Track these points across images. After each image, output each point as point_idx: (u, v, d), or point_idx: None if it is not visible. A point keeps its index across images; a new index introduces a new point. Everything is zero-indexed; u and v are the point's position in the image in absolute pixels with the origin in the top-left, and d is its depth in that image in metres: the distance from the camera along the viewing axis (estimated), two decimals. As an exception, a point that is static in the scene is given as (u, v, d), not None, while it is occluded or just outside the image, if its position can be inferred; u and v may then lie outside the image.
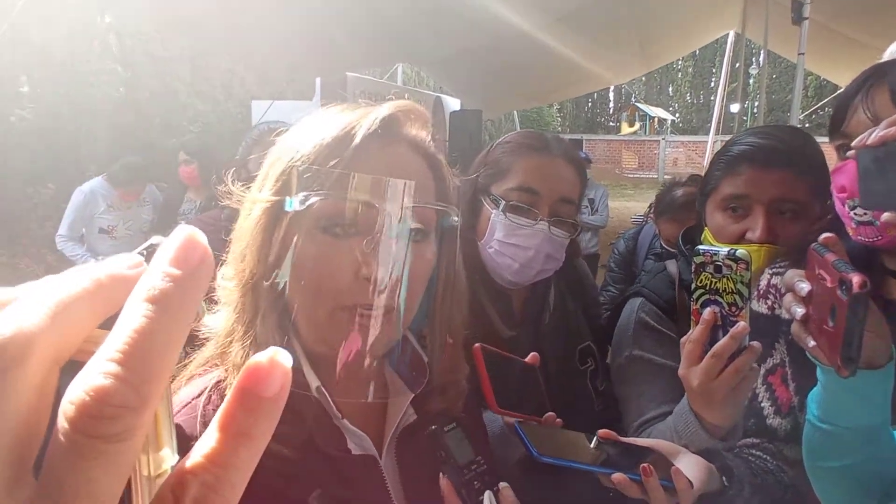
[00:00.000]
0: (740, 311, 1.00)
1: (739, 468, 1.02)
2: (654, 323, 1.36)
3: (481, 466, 0.84)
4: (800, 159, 1.25)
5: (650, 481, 0.89)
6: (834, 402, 0.85)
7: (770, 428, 1.12)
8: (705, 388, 1.02)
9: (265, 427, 0.23)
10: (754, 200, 1.24)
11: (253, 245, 0.77)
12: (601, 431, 0.97)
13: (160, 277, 0.23)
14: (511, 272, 1.30)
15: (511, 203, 1.28)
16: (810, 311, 0.83)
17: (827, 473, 0.91)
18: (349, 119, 0.78)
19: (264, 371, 0.23)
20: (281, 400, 0.23)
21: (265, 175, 0.80)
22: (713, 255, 1.01)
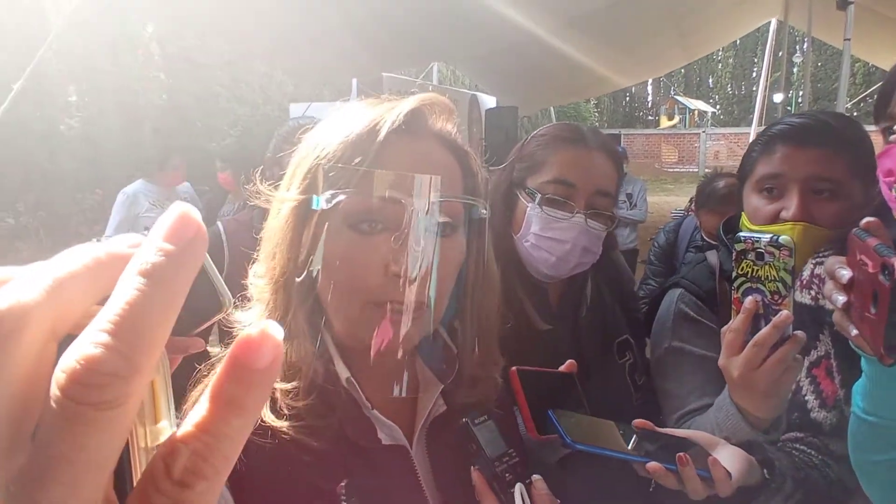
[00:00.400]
0: (783, 300, 0.97)
1: (781, 461, 0.99)
2: (694, 314, 1.33)
3: (513, 459, 0.83)
4: (837, 137, 1.20)
5: (686, 470, 0.87)
6: (879, 393, 0.82)
7: (815, 422, 1.09)
8: (746, 379, 0.99)
9: (257, 398, 0.23)
10: (789, 179, 1.20)
11: (283, 243, 0.78)
12: (637, 421, 0.95)
13: (153, 252, 0.23)
14: (548, 266, 1.30)
15: (547, 196, 1.27)
16: (852, 299, 0.80)
17: (874, 468, 0.87)
18: (373, 115, 0.78)
19: (255, 343, 0.23)
20: (272, 372, 0.23)
21: (292, 174, 0.81)
22: (755, 242, 0.98)
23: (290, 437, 0.74)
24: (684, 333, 1.31)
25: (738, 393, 1.04)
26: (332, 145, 0.77)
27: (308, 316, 0.78)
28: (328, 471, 0.74)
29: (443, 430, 0.85)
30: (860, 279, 0.77)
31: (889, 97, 1.01)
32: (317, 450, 0.74)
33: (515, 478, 0.81)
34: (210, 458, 0.22)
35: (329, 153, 0.77)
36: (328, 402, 0.77)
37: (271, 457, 0.73)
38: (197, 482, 0.22)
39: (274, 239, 0.79)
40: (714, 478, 0.87)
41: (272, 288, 0.79)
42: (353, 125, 0.78)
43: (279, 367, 0.24)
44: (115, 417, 0.21)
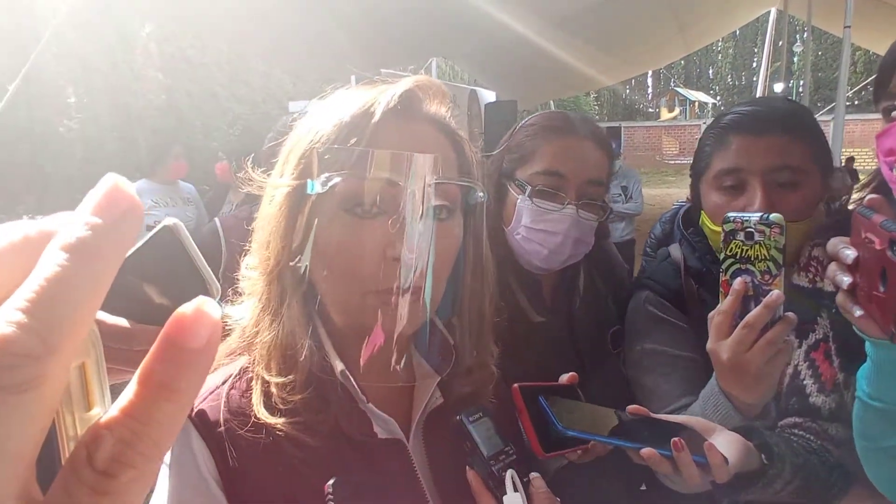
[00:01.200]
0: (774, 279, 0.94)
1: (780, 447, 0.97)
2: (663, 314, 1.30)
3: (510, 457, 0.80)
4: (792, 123, 1.17)
5: (682, 456, 0.85)
6: (885, 378, 0.80)
7: (813, 406, 1.07)
8: (736, 362, 0.96)
9: (191, 381, 0.22)
10: (748, 173, 1.16)
11: (277, 231, 0.76)
12: (631, 407, 0.93)
13: (79, 226, 0.22)
14: (540, 258, 1.28)
15: (537, 188, 1.25)
16: (857, 280, 0.77)
17: (880, 454, 0.85)
18: (367, 97, 0.77)
19: (189, 321, 0.22)
20: (209, 353, 0.22)
21: (285, 159, 0.79)
22: (744, 222, 0.96)
23: (284, 434, 0.72)
24: (655, 335, 1.29)
25: (727, 378, 1.01)
26: (327, 128, 0.75)
27: (304, 307, 0.76)
28: (323, 467, 0.73)
29: (440, 423, 0.83)
30: (866, 258, 0.75)
31: (889, 76, 0.99)
32: (312, 446, 0.73)
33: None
34: (137, 446, 0.21)
35: (323, 136, 0.75)
36: (323, 396, 0.75)
37: (265, 454, 0.72)
38: (122, 471, 0.20)
39: (267, 227, 0.77)
40: (710, 463, 0.85)
41: (266, 279, 0.77)
42: (347, 108, 0.76)
43: (216, 347, 0.22)
44: (30, 402, 0.20)
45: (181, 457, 0.73)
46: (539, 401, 0.86)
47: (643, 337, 1.30)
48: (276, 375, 0.74)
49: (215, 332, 0.22)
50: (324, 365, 0.76)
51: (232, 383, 0.78)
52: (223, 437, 0.72)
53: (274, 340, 0.75)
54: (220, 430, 0.72)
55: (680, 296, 1.31)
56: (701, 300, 1.27)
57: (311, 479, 0.72)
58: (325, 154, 0.72)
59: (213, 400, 0.75)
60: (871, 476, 0.89)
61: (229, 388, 0.77)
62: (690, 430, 0.92)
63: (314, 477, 0.72)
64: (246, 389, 0.77)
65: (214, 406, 0.74)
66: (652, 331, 1.30)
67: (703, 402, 1.07)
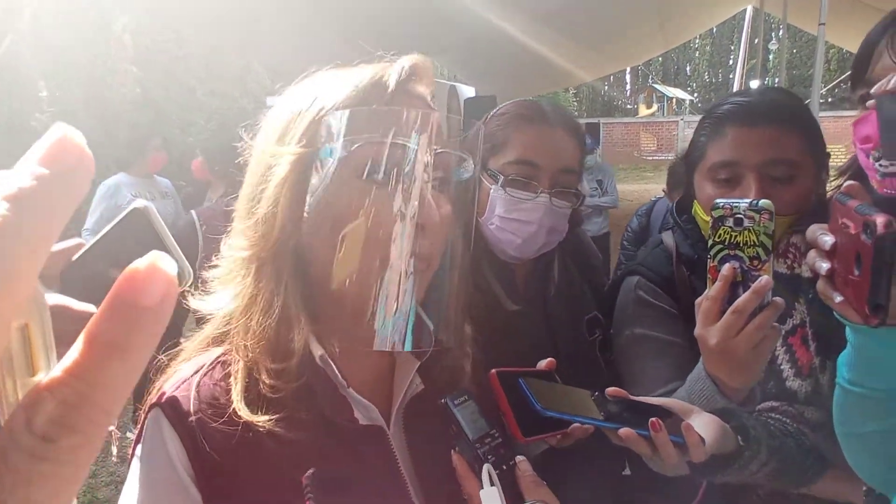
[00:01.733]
0: (763, 265, 0.95)
1: (756, 429, 0.98)
2: (653, 300, 1.31)
3: (496, 440, 0.80)
4: (787, 114, 1.18)
5: (659, 436, 0.86)
6: (865, 363, 0.80)
7: (790, 390, 1.09)
8: (724, 347, 0.97)
9: (142, 341, 0.20)
10: (744, 166, 1.16)
11: (284, 202, 0.72)
12: (610, 389, 0.93)
13: (24, 175, 0.20)
14: (514, 248, 1.28)
15: (510, 177, 1.24)
16: (835, 265, 0.78)
17: (860, 440, 0.86)
18: (374, 70, 0.76)
19: (142, 277, 0.20)
20: (163, 312, 0.21)
21: (286, 128, 0.75)
22: (733, 208, 0.96)
23: (265, 430, 0.70)
24: (646, 320, 1.30)
25: (715, 363, 1.02)
26: (339, 95, 0.73)
27: (298, 287, 0.74)
28: (302, 457, 0.71)
29: (421, 410, 0.82)
30: (843, 243, 0.76)
31: (865, 64, 1.00)
32: (292, 439, 0.71)
33: (499, 460, 0.78)
34: (82, 408, 0.19)
35: (337, 103, 0.72)
36: (306, 385, 0.74)
37: (239, 445, 0.70)
38: (64, 435, 0.19)
39: (269, 200, 0.73)
40: (688, 443, 0.86)
41: (261, 259, 0.74)
42: (356, 77, 0.75)
43: (171, 306, 0.21)
44: None
45: (152, 447, 0.71)
46: (518, 383, 0.86)
47: (633, 322, 1.31)
48: (271, 362, 0.72)
49: (170, 289, 0.21)
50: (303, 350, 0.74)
51: (205, 372, 0.75)
52: (195, 428, 0.70)
53: (269, 324, 0.72)
54: (191, 419, 0.70)
55: (671, 283, 1.32)
56: (692, 287, 1.28)
57: (288, 469, 0.71)
58: (342, 118, 0.70)
59: (184, 390, 0.73)
60: (851, 461, 0.90)
61: (201, 377, 0.74)
62: (669, 411, 0.93)
63: (292, 467, 0.70)
64: (220, 379, 0.75)
65: (185, 396, 0.72)
66: (642, 316, 1.31)
67: (689, 386, 1.08)
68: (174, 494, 0.69)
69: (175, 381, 0.75)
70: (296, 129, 0.74)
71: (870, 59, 0.99)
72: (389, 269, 0.68)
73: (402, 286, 0.67)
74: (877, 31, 0.99)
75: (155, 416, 0.72)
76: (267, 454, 0.71)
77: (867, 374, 0.80)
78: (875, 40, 0.99)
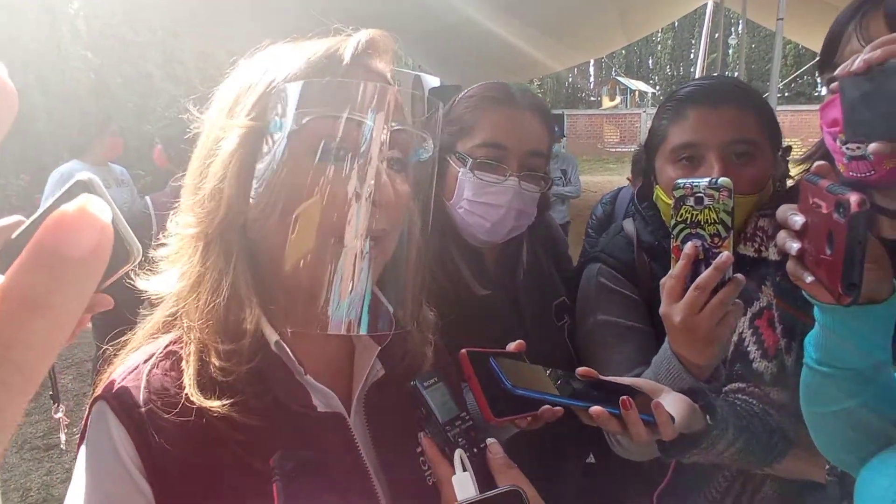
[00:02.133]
0: (724, 242, 0.97)
1: (724, 409, 0.99)
2: (615, 286, 1.32)
3: (466, 423, 0.78)
4: (745, 96, 1.22)
5: (629, 414, 0.86)
6: (833, 343, 0.81)
7: (756, 371, 1.10)
8: (688, 324, 0.99)
9: (68, 296, 0.18)
10: (705, 147, 1.19)
11: (231, 178, 0.69)
12: (580, 369, 0.93)
13: None
14: (483, 231, 1.27)
15: (478, 160, 1.23)
16: (806, 245, 0.78)
17: (826, 419, 0.87)
18: (329, 43, 0.73)
19: (69, 222, 0.18)
20: (94, 265, 0.18)
21: (236, 100, 0.72)
22: (693, 187, 0.98)
23: (218, 416, 0.67)
24: (608, 307, 1.31)
25: (679, 340, 1.03)
26: (293, 67, 0.70)
27: (251, 267, 0.71)
28: (259, 445, 0.69)
29: (382, 396, 0.80)
30: (814, 223, 0.76)
31: (835, 46, 1.01)
32: (248, 425, 0.68)
33: (469, 442, 0.76)
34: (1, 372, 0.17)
35: (290, 74, 0.69)
36: (259, 370, 0.71)
37: (193, 435, 0.67)
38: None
39: (216, 175, 0.70)
40: (657, 422, 0.86)
41: (207, 236, 0.71)
42: (311, 50, 0.72)
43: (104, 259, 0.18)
44: None
45: (97, 441, 0.68)
46: (489, 362, 0.85)
47: (596, 309, 1.32)
48: (221, 343, 0.69)
49: (104, 238, 0.18)
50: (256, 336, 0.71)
51: (155, 362, 0.72)
52: (144, 419, 0.67)
53: (219, 303, 0.69)
54: (140, 410, 0.67)
55: (632, 269, 1.33)
56: (653, 273, 1.29)
57: (244, 458, 0.68)
58: (293, 91, 0.67)
59: (133, 380, 0.70)
60: (818, 441, 0.91)
61: (151, 366, 0.71)
62: (638, 391, 0.93)
63: (249, 456, 0.68)
64: (170, 368, 0.71)
65: (135, 386, 0.69)
66: (605, 303, 1.31)
67: (655, 365, 1.09)
68: (122, 488, 0.66)
69: (122, 372, 0.72)
70: (245, 101, 0.71)
71: (838, 43, 1.00)
72: (343, 249, 0.66)
73: (357, 267, 0.65)
74: (845, 14, 1.00)
75: (100, 410, 0.69)
76: (222, 442, 0.68)
77: (835, 353, 0.81)
78: (844, 23, 0.99)
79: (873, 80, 0.76)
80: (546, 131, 1.30)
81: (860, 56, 0.77)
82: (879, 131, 0.76)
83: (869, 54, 0.76)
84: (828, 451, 0.91)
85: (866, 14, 0.96)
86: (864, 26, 0.95)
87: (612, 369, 1.22)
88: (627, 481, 1.34)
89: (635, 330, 1.26)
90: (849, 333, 0.79)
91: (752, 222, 1.17)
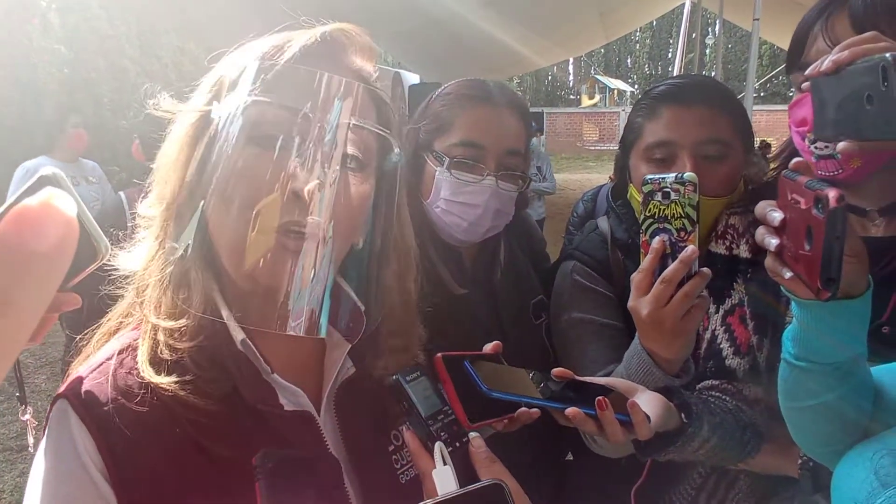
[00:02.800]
0: (689, 235, 0.98)
1: (698, 406, 1.00)
2: (590, 284, 1.33)
3: (448, 417, 0.77)
4: (718, 96, 1.23)
5: (605, 415, 0.86)
6: (811, 338, 0.82)
7: (729, 368, 1.12)
8: (655, 317, 1.00)
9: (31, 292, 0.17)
10: (678, 146, 1.19)
11: (178, 161, 0.70)
12: (556, 370, 0.93)
13: None
14: (460, 231, 1.26)
15: (455, 160, 1.22)
16: (785, 241, 0.79)
17: (804, 413, 0.88)
18: (286, 35, 0.72)
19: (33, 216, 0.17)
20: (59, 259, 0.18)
21: (196, 91, 0.74)
22: (661, 182, 1.00)
23: (173, 396, 0.66)
24: (582, 304, 1.31)
25: (647, 334, 1.04)
26: (242, 59, 0.71)
27: (200, 248, 0.70)
28: (226, 440, 0.68)
29: (353, 394, 0.79)
30: (793, 218, 0.77)
31: (801, 47, 1.02)
32: (210, 412, 0.67)
33: (451, 436, 0.76)
34: None
35: (238, 65, 0.70)
36: (222, 366, 0.70)
37: (157, 428, 0.66)
38: None
39: (170, 157, 0.71)
40: (633, 421, 0.87)
41: (163, 215, 0.71)
42: (265, 43, 0.72)
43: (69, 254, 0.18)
44: None
45: (58, 442, 0.66)
46: (464, 366, 0.84)
47: (570, 307, 1.32)
48: (165, 319, 0.68)
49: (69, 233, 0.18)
50: (220, 333, 0.70)
51: (120, 359, 0.70)
52: (109, 417, 0.65)
53: (165, 280, 0.69)
54: (105, 409, 0.66)
55: (606, 266, 1.34)
56: (626, 270, 1.30)
57: (211, 451, 0.67)
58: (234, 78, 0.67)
59: (98, 377, 0.68)
60: (795, 436, 0.92)
61: (117, 363, 0.70)
62: (613, 390, 0.94)
63: (204, 438, 0.67)
64: (133, 367, 0.70)
65: (100, 383, 0.68)
66: (579, 300, 1.31)
67: (626, 361, 1.10)
68: (82, 491, 0.64)
69: (85, 369, 0.70)
70: (201, 91, 0.72)
71: (805, 43, 1.01)
72: (265, 241, 0.65)
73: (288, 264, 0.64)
74: (812, 14, 1.01)
75: (61, 408, 0.67)
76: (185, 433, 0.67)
77: (813, 348, 0.82)
78: (810, 24, 1.01)
79: (841, 80, 0.77)
80: (523, 129, 1.30)
81: (829, 56, 0.78)
82: (847, 131, 0.77)
83: (837, 55, 0.77)
84: (805, 444, 0.92)
85: (831, 15, 0.97)
86: (830, 27, 0.97)
87: (586, 366, 1.23)
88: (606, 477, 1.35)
89: (609, 327, 1.27)
90: (827, 328, 0.79)
91: (724, 220, 1.18)
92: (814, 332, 0.80)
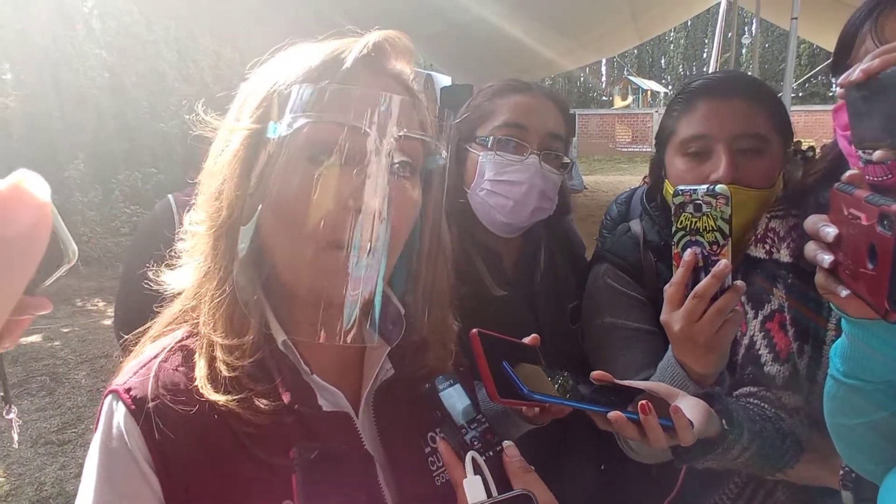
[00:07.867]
0: (722, 249, 0.96)
1: (739, 413, 0.98)
2: (622, 287, 1.31)
3: (482, 425, 0.77)
4: (755, 89, 1.22)
5: (648, 420, 0.84)
6: (863, 355, 0.78)
7: (768, 375, 1.09)
8: (688, 332, 0.98)
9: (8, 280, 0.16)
10: (714, 139, 1.18)
11: (231, 180, 0.70)
12: (595, 373, 0.92)
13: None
14: (505, 212, 1.27)
15: (499, 139, 1.26)
16: (840, 258, 0.75)
17: (853, 430, 0.84)
18: (336, 45, 0.73)
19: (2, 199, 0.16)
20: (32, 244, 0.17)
21: (242, 103, 0.74)
22: (692, 194, 0.98)
23: (227, 410, 0.68)
24: (614, 309, 1.29)
25: (681, 348, 1.02)
26: (293, 73, 0.71)
27: (256, 267, 0.72)
28: (268, 439, 0.69)
29: (391, 396, 0.80)
30: (850, 234, 0.73)
31: (850, 47, 0.99)
32: (254, 422, 0.69)
33: (485, 445, 0.75)
34: None
35: (289, 80, 0.70)
36: (265, 367, 0.72)
37: (200, 430, 0.68)
38: None
39: (220, 176, 0.72)
40: (676, 426, 0.84)
41: (214, 234, 0.72)
42: (315, 54, 0.72)
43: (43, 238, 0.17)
44: None
45: (108, 433, 0.69)
46: (503, 367, 0.83)
47: (602, 311, 1.31)
48: (224, 337, 0.70)
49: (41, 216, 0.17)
50: (266, 336, 0.72)
51: (166, 356, 0.73)
52: (153, 413, 0.67)
53: (223, 299, 0.71)
54: (149, 405, 0.68)
55: (638, 268, 1.32)
56: (658, 273, 1.29)
57: (251, 449, 0.69)
58: (291, 95, 0.67)
59: (144, 373, 0.71)
60: (842, 451, 0.89)
61: (162, 360, 0.72)
62: (654, 395, 0.92)
63: (255, 446, 0.68)
64: (181, 363, 0.72)
65: (145, 379, 0.70)
66: (611, 305, 1.30)
67: (660, 373, 1.08)
68: (131, 479, 0.67)
69: (134, 366, 0.73)
70: (250, 104, 0.73)
71: (853, 44, 0.98)
72: (328, 258, 0.67)
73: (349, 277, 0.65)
74: (861, 14, 0.98)
75: (111, 403, 0.70)
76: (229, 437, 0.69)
77: (863, 366, 0.78)
78: (858, 24, 0.98)
79: (872, 89, 0.74)
80: (563, 119, 1.33)
81: (859, 66, 0.75)
82: (882, 140, 0.74)
83: (867, 64, 0.74)
84: (852, 460, 0.89)
85: (882, 13, 0.94)
86: (880, 27, 0.93)
87: (618, 372, 1.21)
88: (639, 488, 1.33)
89: (642, 332, 1.25)
90: (882, 346, 0.75)
91: (764, 223, 1.15)
92: (866, 350, 0.77)
